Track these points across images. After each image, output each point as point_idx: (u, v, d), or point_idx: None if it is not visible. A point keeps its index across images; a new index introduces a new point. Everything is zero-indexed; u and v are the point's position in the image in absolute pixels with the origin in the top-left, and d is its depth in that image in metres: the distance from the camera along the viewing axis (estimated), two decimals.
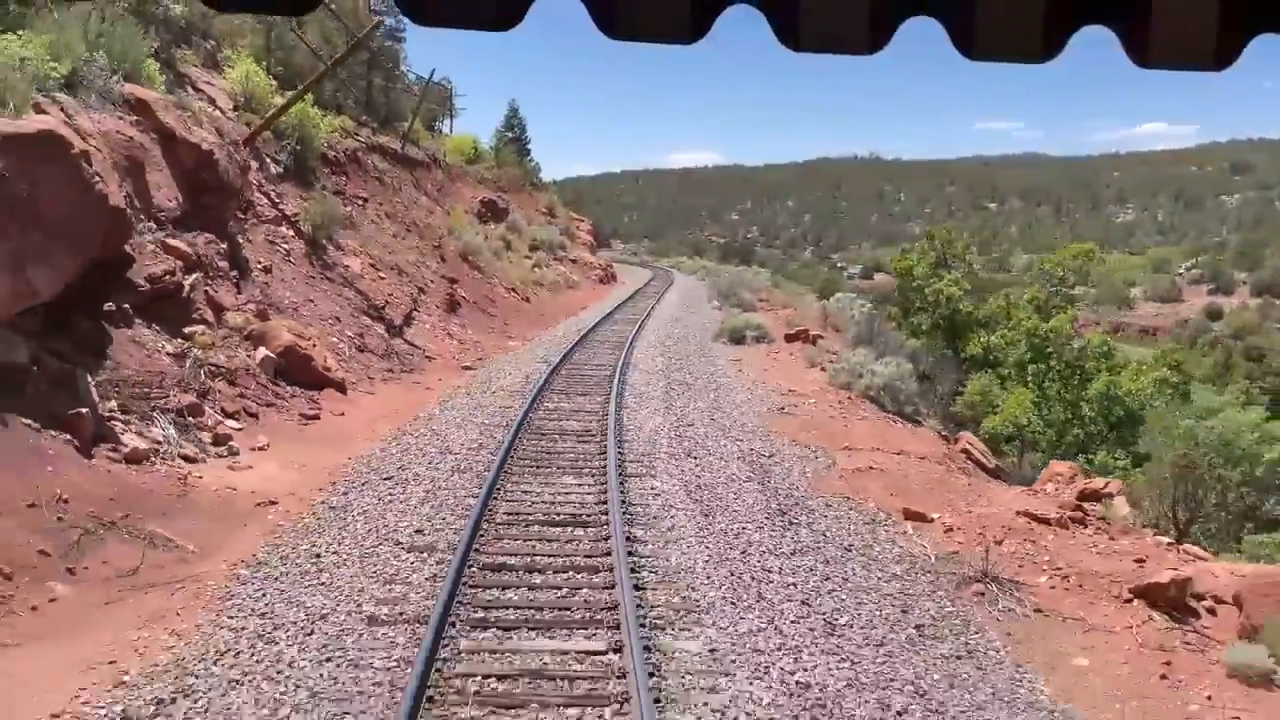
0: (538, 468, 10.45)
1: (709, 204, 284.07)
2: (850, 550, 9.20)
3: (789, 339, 25.69)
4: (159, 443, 11.15)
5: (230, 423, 12.60)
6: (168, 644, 6.53)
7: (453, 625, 6.39)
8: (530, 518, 8.77)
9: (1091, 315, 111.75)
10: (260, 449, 12.11)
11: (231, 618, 6.93)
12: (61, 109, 12.71)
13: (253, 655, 6.31)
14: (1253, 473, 11.54)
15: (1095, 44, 2.13)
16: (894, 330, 23.42)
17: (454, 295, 26.46)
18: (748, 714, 5.74)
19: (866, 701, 6.13)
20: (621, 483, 9.76)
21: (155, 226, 15.05)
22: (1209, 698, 6.71)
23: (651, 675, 5.86)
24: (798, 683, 6.22)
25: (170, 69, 20.01)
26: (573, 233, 58.35)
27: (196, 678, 5.97)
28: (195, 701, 5.70)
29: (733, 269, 57.81)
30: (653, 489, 10.04)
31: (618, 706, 5.52)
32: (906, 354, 21.72)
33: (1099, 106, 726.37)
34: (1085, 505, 10.60)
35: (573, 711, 5.51)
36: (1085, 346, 19.40)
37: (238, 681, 5.97)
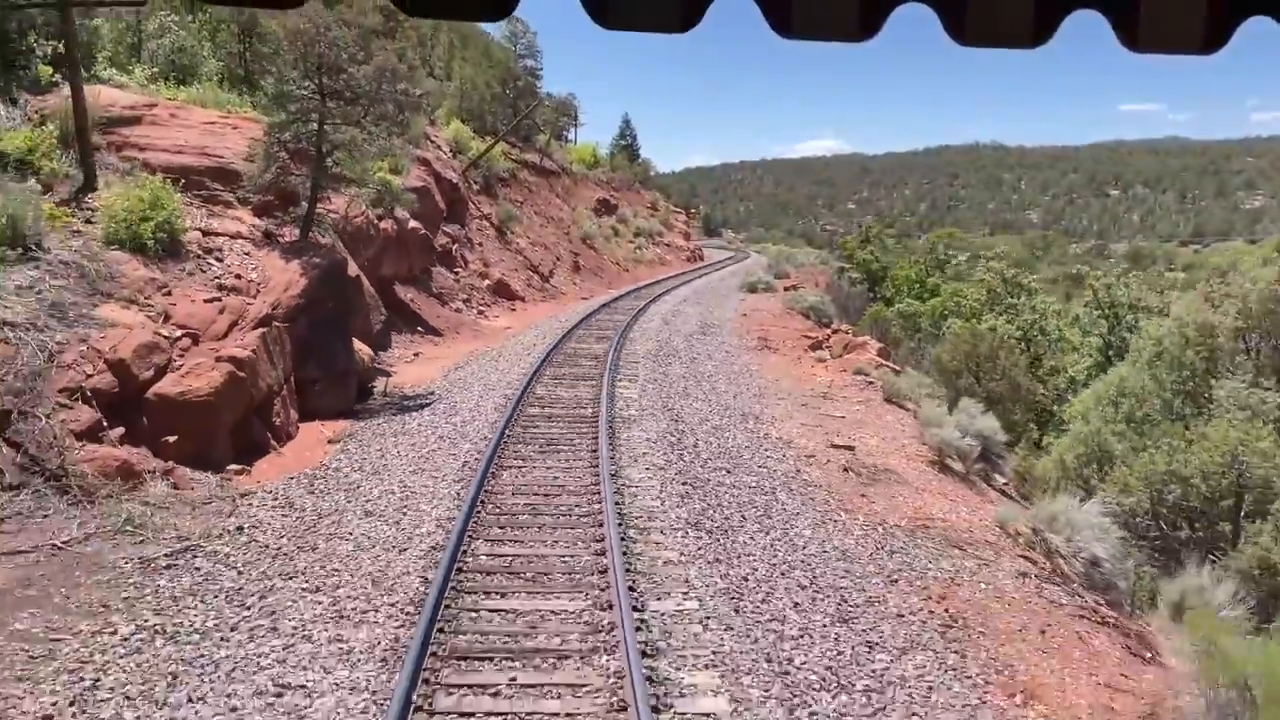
0: (608, 313, 27.44)
1: (826, 193, 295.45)
2: (722, 343, 25.63)
3: (785, 289, 41.84)
4: (460, 309, 28.64)
5: (482, 308, 30.04)
6: (507, 340, 23.75)
7: (576, 329, 23.39)
8: (602, 322, 25.75)
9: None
10: (497, 317, 29.48)
11: (519, 339, 24.07)
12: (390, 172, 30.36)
13: (527, 339, 23.43)
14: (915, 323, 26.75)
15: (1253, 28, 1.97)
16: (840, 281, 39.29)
17: (577, 263, 43.78)
18: (643, 347, 22.53)
19: (684, 359, 22.73)
20: (636, 318, 26.65)
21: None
22: (810, 368, 23.00)
23: (619, 348, 22.68)
24: (666, 349, 22.95)
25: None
26: (670, 223, 75.33)
27: (510, 344, 23.12)
28: (514, 346, 22.86)
29: (791, 250, 73.24)
30: (649, 320, 26.91)
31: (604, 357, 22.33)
32: (845, 295, 37.53)
33: (1258, 86, 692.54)
34: (833, 335, 26.75)
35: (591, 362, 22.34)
36: (925, 285, 34.42)
37: (520, 342, 23.07)
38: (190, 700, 6.15)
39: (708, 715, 6.19)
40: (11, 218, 12.04)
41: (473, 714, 6.02)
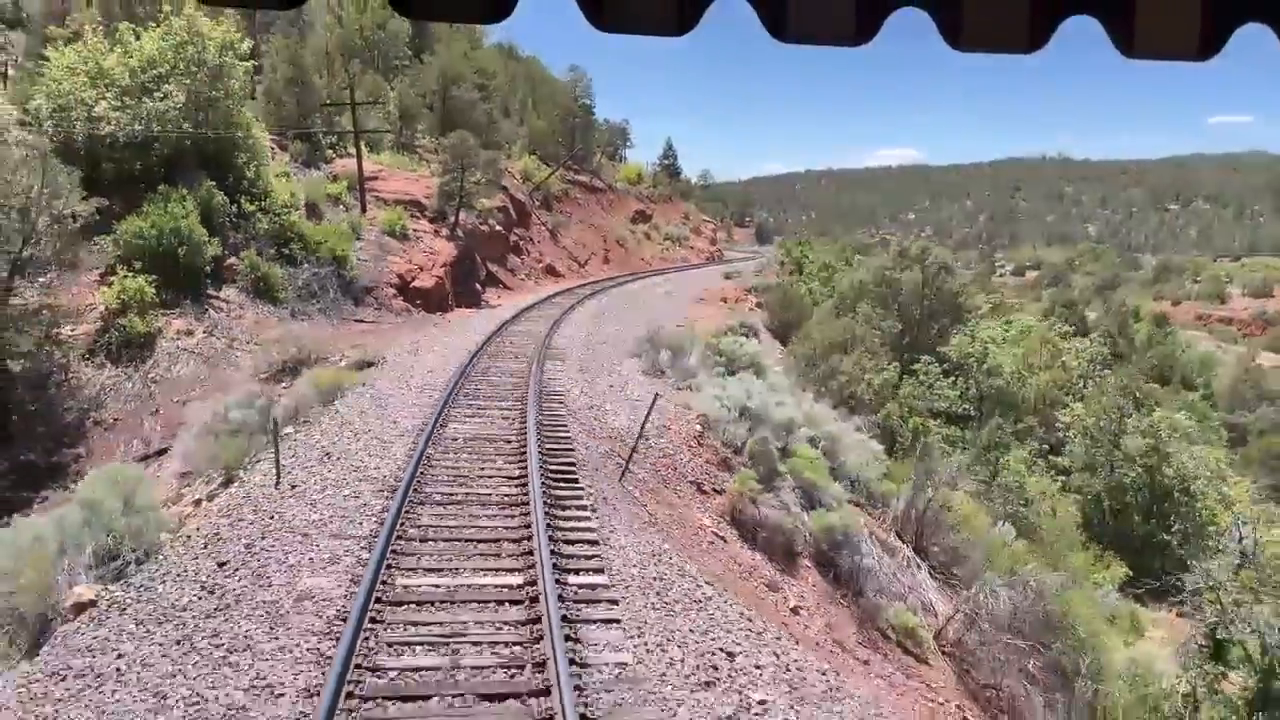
0: (610, 283, 47.75)
1: (888, 203, 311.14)
2: (674, 300, 45.64)
3: (757, 276, 61.62)
4: (524, 279, 49.45)
5: (537, 279, 50.81)
6: (549, 290, 44.31)
7: (584, 285, 43.80)
8: (601, 284, 46.05)
9: (1190, 306, 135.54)
10: (545, 284, 50.16)
11: (552, 292, 44.59)
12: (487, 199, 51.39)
13: (559, 289, 43.96)
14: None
15: None
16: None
17: (608, 257, 64.36)
18: (619, 293, 42.86)
19: (643, 299, 42.89)
20: (627, 284, 46.89)
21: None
22: (713, 309, 42.98)
23: (601, 291, 43.00)
24: (632, 295, 43.22)
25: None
26: (698, 230, 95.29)
27: (545, 296, 43.66)
28: (551, 292, 43.40)
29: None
30: (633, 286, 47.12)
31: (591, 294, 42.58)
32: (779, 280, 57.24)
33: None
34: (738, 295, 46.59)
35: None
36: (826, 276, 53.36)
37: (556, 290, 43.54)
38: (430, 355, 26.48)
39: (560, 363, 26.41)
40: (352, 224, 32.94)
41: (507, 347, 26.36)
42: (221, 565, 8.79)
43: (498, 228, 46.08)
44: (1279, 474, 42.55)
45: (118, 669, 6.99)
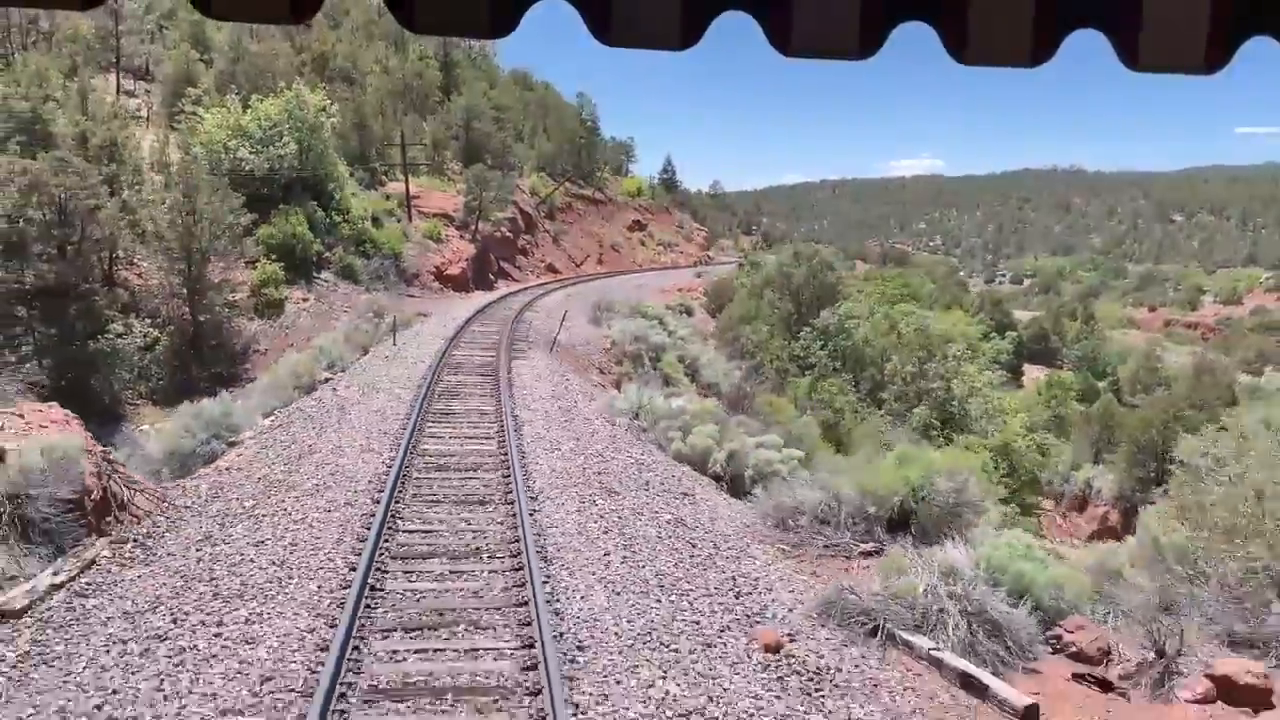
0: (597, 278, 62.77)
1: (900, 213, 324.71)
2: (641, 289, 60.53)
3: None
4: (529, 275, 64.70)
5: (539, 275, 66.05)
6: (545, 280, 59.44)
7: (571, 277, 58.86)
8: (587, 277, 61.09)
9: (1164, 312, 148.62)
10: (545, 277, 65.34)
11: (548, 282, 59.68)
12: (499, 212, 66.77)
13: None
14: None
15: None
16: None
17: (601, 259, 79.61)
18: (595, 286, 58.02)
19: (615, 287, 57.91)
20: (613, 277, 61.94)
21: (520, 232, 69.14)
22: (671, 295, 57.91)
23: (580, 283, 58.08)
24: (605, 285, 58.37)
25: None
26: (690, 237, 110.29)
27: (540, 283, 58.78)
28: (542, 280, 58.54)
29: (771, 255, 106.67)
30: (612, 281, 62.22)
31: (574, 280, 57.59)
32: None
33: None
34: (693, 287, 61.50)
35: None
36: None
37: (541, 282, 58.63)
38: (458, 309, 41.57)
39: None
40: (404, 231, 48.24)
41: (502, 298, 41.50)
42: (387, 358, 23.98)
43: (508, 234, 61.19)
44: (1108, 429, 56.89)
45: (361, 374, 22.21)
